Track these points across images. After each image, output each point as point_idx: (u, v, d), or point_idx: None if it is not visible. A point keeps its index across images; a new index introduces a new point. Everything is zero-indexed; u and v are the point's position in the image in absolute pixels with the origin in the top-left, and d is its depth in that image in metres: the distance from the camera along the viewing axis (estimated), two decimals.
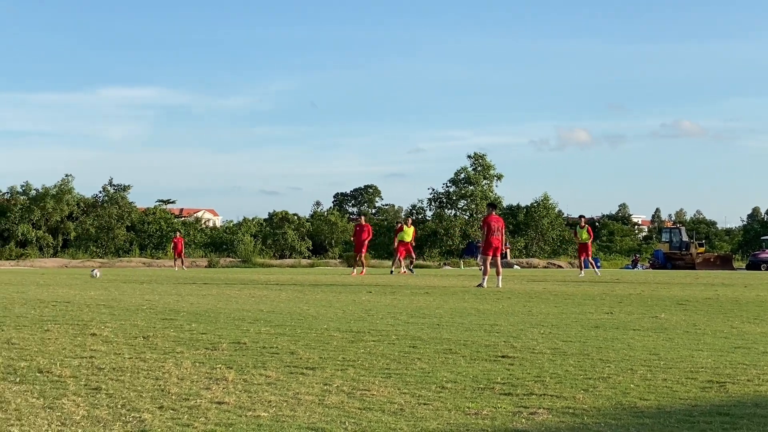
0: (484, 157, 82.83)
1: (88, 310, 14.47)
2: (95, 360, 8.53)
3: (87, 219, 76.44)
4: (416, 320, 13.08)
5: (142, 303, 16.22)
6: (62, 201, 75.26)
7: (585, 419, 6.03)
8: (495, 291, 21.82)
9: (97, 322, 12.27)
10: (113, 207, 77.29)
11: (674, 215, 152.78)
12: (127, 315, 13.52)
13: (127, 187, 79.94)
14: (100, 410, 6.15)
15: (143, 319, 12.88)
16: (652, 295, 20.54)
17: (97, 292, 19.77)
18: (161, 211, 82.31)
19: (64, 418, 5.92)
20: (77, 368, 8.01)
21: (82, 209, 78.01)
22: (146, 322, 12.41)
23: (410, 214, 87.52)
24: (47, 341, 10.00)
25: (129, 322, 12.24)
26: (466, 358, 8.87)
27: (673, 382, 7.49)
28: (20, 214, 73.54)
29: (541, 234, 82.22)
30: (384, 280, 29.86)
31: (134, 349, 9.42)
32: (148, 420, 5.86)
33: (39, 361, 8.44)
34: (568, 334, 11.24)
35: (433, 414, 6.15)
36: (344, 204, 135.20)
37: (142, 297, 18.22)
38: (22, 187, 76.29)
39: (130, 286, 23.78)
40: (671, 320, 13.34)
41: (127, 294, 19.35)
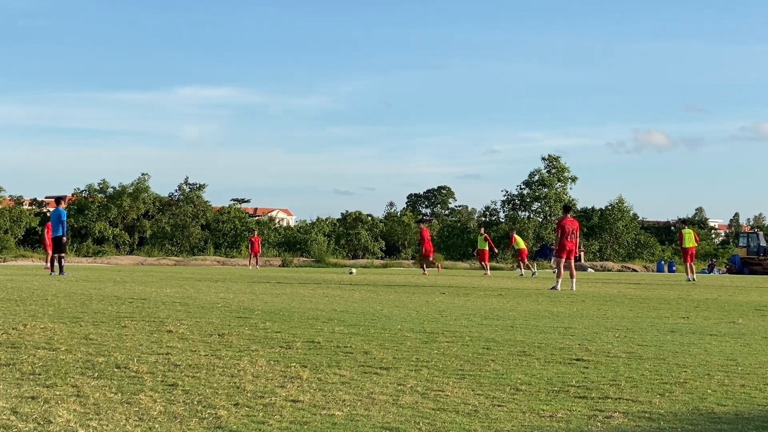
0: (558, 159, 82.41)
1: (164, 307, 14.66)
2: (171, 357, 8.64)
3: (162, 217, 77.57)
4: (490, 322, 13.04)
5: (216, 301, 16.39)
6: (138, 199, 76.49)
7: (661, 424, 5.96)
8: (569, 294, 21.67)
9: (173, 319, 12.42)
10: (188, 205, 78.32)
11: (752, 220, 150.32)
12: (202, 313, 13.67)
13: (203, 186, 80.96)
14: (176, 406, 6.23)
15: (218, 316, 13.02)
16: (729, 300, 20.24)
17: (173, 290, 20.03)
18: (236, 210, 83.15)
19: (142, 413, 6.00)
20: (154, 364, 8.12)
21: (157, 207, 79.18)
22: (221, 319, 12.54)
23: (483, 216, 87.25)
24: (124, 337, 10.15)
25: (204, 320, 12.38)
26: (540, 361, 8.82)
27: (751, 388, 7.38)
28: (97, 212, 74.87)
29: (615, 237, 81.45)
30: (457, 281, 29.80)
31: (210, 346, 9.52)
32: (223, 417, 5.92)
33: (116, 356, 8.57)
34: (644, 338, 11.13)
35: (507, 416, 6.13)
36: (417, 205, 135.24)
37: (216, 295, 18.41)
38: (100, 185, 77.68)
39: (205, 284, 24.05)
40: (749, 326, 13.14)
41: (202, 292, 19.57)
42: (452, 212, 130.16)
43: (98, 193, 77.52)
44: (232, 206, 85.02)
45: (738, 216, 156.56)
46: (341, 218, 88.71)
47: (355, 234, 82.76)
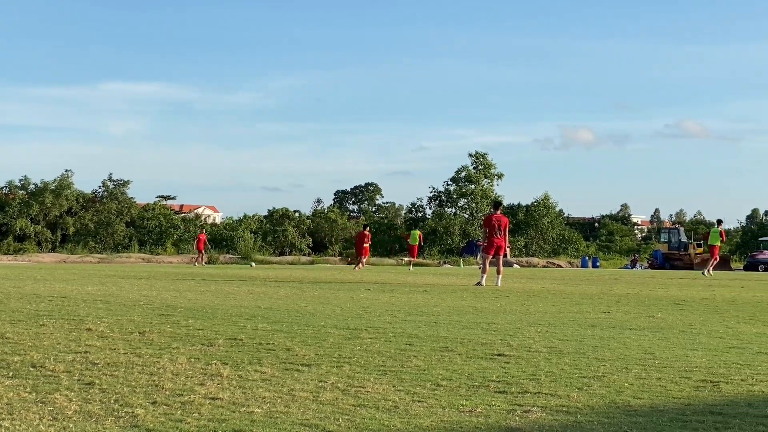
0: (485, 155, 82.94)
1: (84, 305, 14.46)
2: (90, 355, 8.53)
3: (86, 214, 76.47)
4: (413, 318, 13.08)
5: (139, 299, 16.22)
6: (61, 196, 75.31)
7: (578, 417, 6.03)
8: (493, 290, 21.82)
9: (93, 317, 12.26)
10: (112, 202, 77.35)
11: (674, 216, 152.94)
12: (123, 310, 13.52)
13: (127, 182, 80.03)
14: (92, 405, 6.15)
15: (140, 314, 12.88)
16: (650, 295, 20.55)
17: (95, 288, 19.77)
18: (161, 207, 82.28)
19: (56, 412, 5.91)
20: (71, 363, 8.00)
21: (81, 204, 78.03)
22: (143, 317, 12.41)
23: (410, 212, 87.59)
24: (42, 336, 9.99)
25: (125, 318, 12.24)
26: (462, 356, 8.87)
27: (667, 381, 7.50)
28: (18, 209, 73.56)
29: (540, 233, 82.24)
30: (383, 277, 29.85)
31: (129, 344, 9.42)
32: (140, 415, 5.86)
33: (33, 355, 8.43)
34: (565, 332, 11.24)
35: (427, 411, 6.15)
36: (345, 202, 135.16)
37: (139, 293, 18.22)
38: (21, 182, 76.37)
39: (128, 281, 23.77)
40: (667, 320, 13.35)
41: (124, 289, 19.35)
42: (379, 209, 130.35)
43: (19, 189, 76.19)
44: (158, 203, 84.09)
45: (659, 212, 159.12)
46: (268, 215, 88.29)
47: (282, 231, 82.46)
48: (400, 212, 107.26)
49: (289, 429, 5.58)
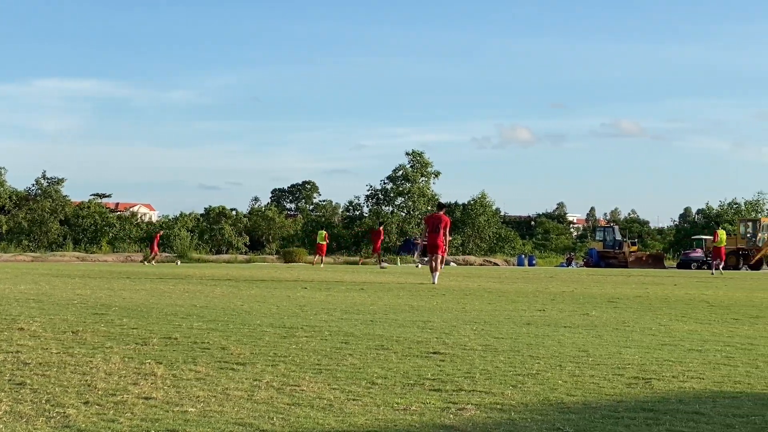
0: (422, 154, 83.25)
1: (17, 304, 14.26)
2: (21, 355, 8.41)
3: (19, 212, 75.35)
4: (350, 316, 13.08)
5: (73, 297, 16.03)
6: None
7: (512, 415, 6.07)
8: (430, 288, 21.89)
9: (25, 316, 12.09)
10: (46, 200, 76.28)
11: (609, 214, 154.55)
12: (57, 309, 13.35)
13: (61, 180, 79.04)
14: (23, 406, 6.07)
15: (73, 313, 12.73)
16: (584, 292, 20.76)
17: (28, 287, 19.50)
18: (96, 205, 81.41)
19: None
20: (2, 363, 7.88)
21: (14, 202, 76.88)
22: (76, 316, 12.27)
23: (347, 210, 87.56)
24: None
25: (59, 317, 12.09)
26: (398, 354, 8.88)
27: (600, 378, 7.58)
28: None
29: (477, 231, 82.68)
30: (320, 275, 29.79)
31: (62, 344, 9.30)
32: (72, 415, 5.79)
33: None
34: (500, 330, 11.31)
35: (361, 410, 6.16)
36: (282, 200, 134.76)
37: (73, 291, 18.00)
38: None
39: (62, 280, 23.48)
40: (601, 318, 13.49)
41: (58, 288, 19.10)
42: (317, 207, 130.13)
43: None
44: (93, 201, 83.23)
45: (594, 210, 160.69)
46: (205, 213, 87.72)
47: (218, 229, 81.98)
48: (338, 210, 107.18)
49: (223, 428, 5.55)
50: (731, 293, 21.64)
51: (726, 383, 7.39)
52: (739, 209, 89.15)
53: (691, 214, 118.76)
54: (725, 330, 11.86)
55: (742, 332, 11.59)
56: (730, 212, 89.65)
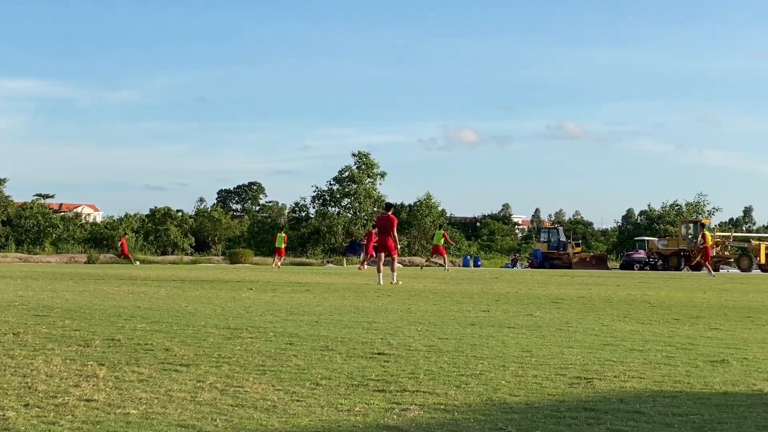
0: (368, 155, 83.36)
1: None
2: None
3: None
4: (295, 317, 13.06)
5: (14, 299, 15.84)
6: None
7: (455, 415, 6.10)
8: (375, 289, 21.92)
9: None
10: None
11: (553, 215, 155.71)
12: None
13: (3, 180, 78.11)
14: None
15: (14, 315, 12.58)
16: (529, 293, 20.90)
17: None
18: (39, 206, 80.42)
19: None
20: None
21: None
22: (17, 318, 12.13)
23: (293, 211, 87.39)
24: None
25: (0, 319, 11.95)
26: (342, 355, 8.89)
27: (542, 378, 7.63)
28: None
29: (423, 232, 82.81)
30: (266, 277, 29.70)
31: (3, 346, 9.19)
32: (12, 418, 5.72)
33: None
34: (445, 331, 11.36)
35: (305, 411, 6.15)
36: (228, 201, 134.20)
37: (15, 293, 17.79)
38: None
39: (3, 281, 23.20)
40: (545, 318, 13.59)
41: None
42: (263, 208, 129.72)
43: None
44: (35, 201, 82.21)
45: (539, 212, 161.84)
46: (150, 214, 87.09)
47: (164, 230, 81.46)
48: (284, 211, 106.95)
49: (165, 430, 5.51)
50: (672, 294, 21.91)
51: (666, 383, 7.48)
52: (680, 211, 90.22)
53: (633, 215, 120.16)
54: (666, 330, 12.01)
55: (682, 332, 11.73)
56: (671, 214, 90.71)
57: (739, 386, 7.31)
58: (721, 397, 6.83)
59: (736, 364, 8.62)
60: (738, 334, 11.54)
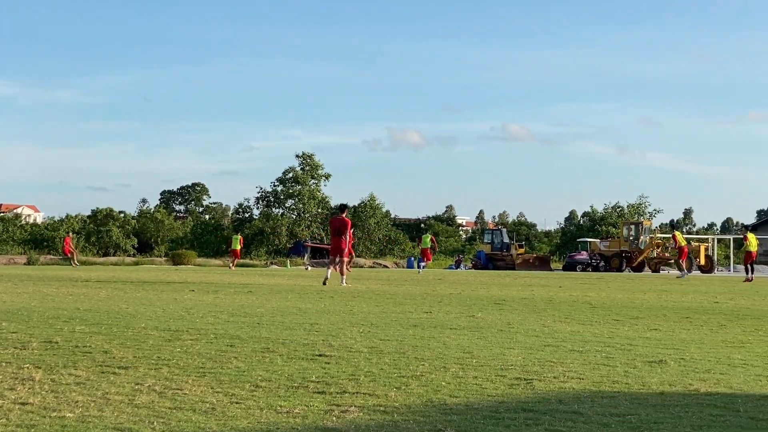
0: (312, 156, 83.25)
1: None
2: None
3: None
4: (237, 319, 12.99)
5: None
6: None
7: (395, 416, 6.10)
8: (318, 290, 21.88)
9: None
10: None
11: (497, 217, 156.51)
12: None
13: None
14: None
15: None
16: (471, 294, 20.97)
17: None
18: None
19: None
20: None
21: None
22: None
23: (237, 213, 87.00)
24: None
25: None
26: (283, 357, 8.85)
27: (483, 379, 7.66)
28: None
29: (367, 234, 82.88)
30: (209, 278, 29.52)
31: None
32: None
33: None
34: (387, 332, 11.36)
35: (244, 413, 6.12)
36: (171, 202, 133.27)
37: None
38: None
39: None
40: (487, 319, 13.64)
41: None
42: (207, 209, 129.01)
43: None
44: None
45: (483, 213, 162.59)
46: (92, 215, 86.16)
47: (106, 231, 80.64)
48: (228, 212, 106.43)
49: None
50: (613, 295, 22.11)
51: (605, 383, 7.55)
52: (622, 212, 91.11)
53: (576, 216, 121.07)
54: (606, 331, 12.11)
55: (622, 333, 11.84)
56: (614, 215, 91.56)
57: (676, 386, 7.40)
58: (658, 397, 6.91)
59: (674, 364, 8.72)
60: (676, 335, 11.68)
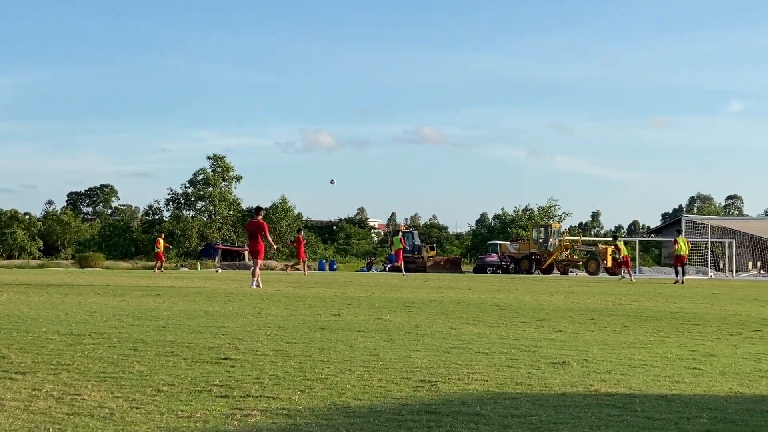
0: (224, 158, 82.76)
1: None
2: None
3: None
4: (142, 322, 12.81)
5: None
6: None
7: (298, 420, 6.06)
8: (227, 293, 21.72)
9: None
10: None
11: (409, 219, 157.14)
12: None
13: None
14: None
15: None
16: (381, 297, 21.00)
17: None
18: None
19: None
20: None
21: None
22: None
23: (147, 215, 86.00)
24: None
25: None
26: (187, 361, 8.75)
27: (388, 382, 7.66)
28: None
29: (279, 236, 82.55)
30: (116, 281, 29.11)
31: None
32: None
33: None
34: (294, 335, 11.30)
35: (144, 418, 6.02)
36: (79, 203, 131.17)
37: None
38: None
39: None
40: (395, 322, 13.66)
41: None
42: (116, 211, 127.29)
43: None
44: None
45: (395, 216, 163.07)
46: None
47: (10, 233, 79.09)
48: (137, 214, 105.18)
49: None
50: (521, 297, 22.32)
51: (508, 385, 7.60)
52: (532, 215, 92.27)
53: (487, 219, 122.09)
54: (512, 333, 12.21)
55: (527, 335, 11.95)
56: (524, 218, 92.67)
57: (578, 387, 7.48)
58: (560, 398, 6.98)
59: (576, 365, 8.82)
60: (580, 337, 11.82)
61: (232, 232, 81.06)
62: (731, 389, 7.56)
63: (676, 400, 6.96)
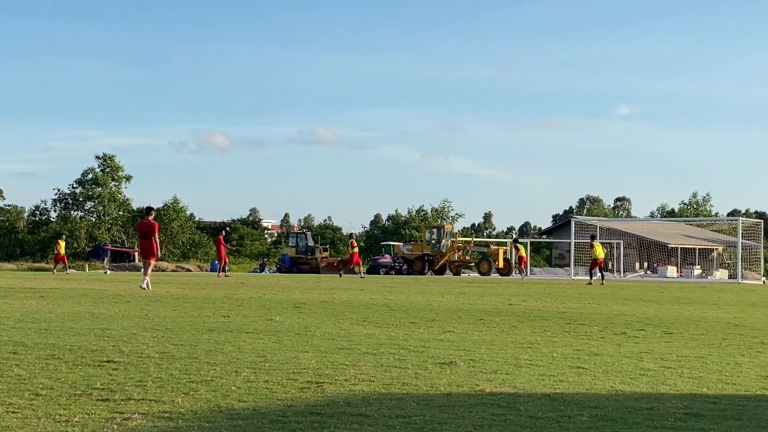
0: (113, 158, 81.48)
1: None
2: None
3: None
4: (23, 325, 12.50)
5: None
6: None
7: (179, 423, 5.96)
8: (114, 294, 21.35)
9: None
10: None
11: (303, 220, 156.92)
12: None
13: None
14: None
15: None
16: (272, 298, 20.88)
17: None
18: None
19: None
20: None
21: None
22: None
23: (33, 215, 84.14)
24: None
25: None
26: (69, 364, 8.55)
27: (274, 383, 7.59)
28: None
29: (170, 237, 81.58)
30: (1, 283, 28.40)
31: None
32: None
33: None
34: (181, 337, 11.15)
35: (20, 422, 5.86)
36: None
37: None
38: None
39: None
40: (285, 323, 13.58)
41: None
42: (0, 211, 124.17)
43: None
44: None
45: (289, 216, 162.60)
46: None
47: None
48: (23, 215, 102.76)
49: None
50: (412, 297, 22.41)
51: (394, 385, 7.60)
52: (426, 216, 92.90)
53: (381, 220, 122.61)
54: (402, 333, 12.23)
55: (417, 335, 11.99)
56: (417, 219, 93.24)
57: (463, 387, 7.52)
58: (445, 398, 7.00)
59: (463, 365, 8.87)
60: (469, 337, 11.90)
61: (122, 232, 79.79)
62: (613, 387, 7.69)
63: (558, 398, 7.05)
